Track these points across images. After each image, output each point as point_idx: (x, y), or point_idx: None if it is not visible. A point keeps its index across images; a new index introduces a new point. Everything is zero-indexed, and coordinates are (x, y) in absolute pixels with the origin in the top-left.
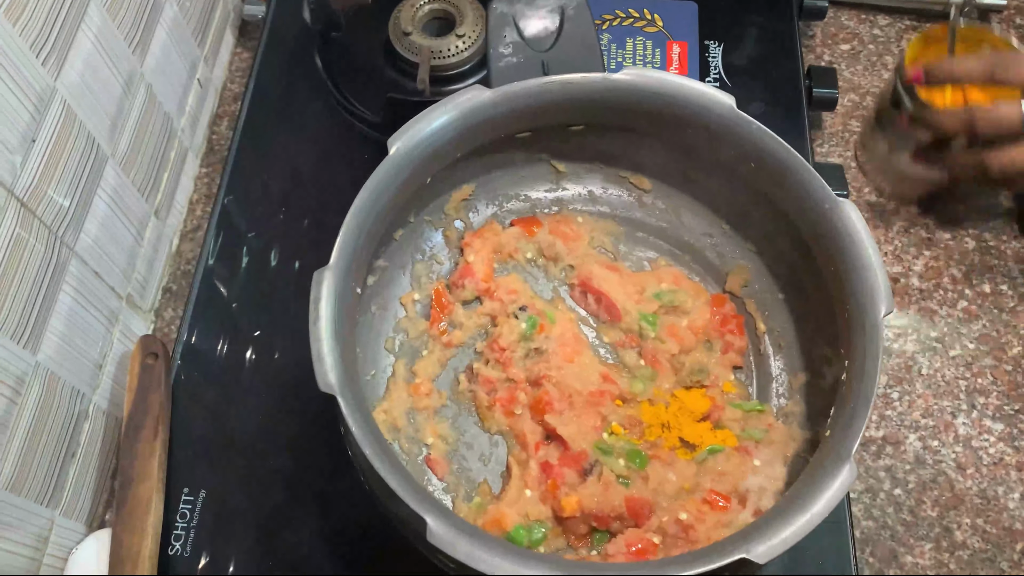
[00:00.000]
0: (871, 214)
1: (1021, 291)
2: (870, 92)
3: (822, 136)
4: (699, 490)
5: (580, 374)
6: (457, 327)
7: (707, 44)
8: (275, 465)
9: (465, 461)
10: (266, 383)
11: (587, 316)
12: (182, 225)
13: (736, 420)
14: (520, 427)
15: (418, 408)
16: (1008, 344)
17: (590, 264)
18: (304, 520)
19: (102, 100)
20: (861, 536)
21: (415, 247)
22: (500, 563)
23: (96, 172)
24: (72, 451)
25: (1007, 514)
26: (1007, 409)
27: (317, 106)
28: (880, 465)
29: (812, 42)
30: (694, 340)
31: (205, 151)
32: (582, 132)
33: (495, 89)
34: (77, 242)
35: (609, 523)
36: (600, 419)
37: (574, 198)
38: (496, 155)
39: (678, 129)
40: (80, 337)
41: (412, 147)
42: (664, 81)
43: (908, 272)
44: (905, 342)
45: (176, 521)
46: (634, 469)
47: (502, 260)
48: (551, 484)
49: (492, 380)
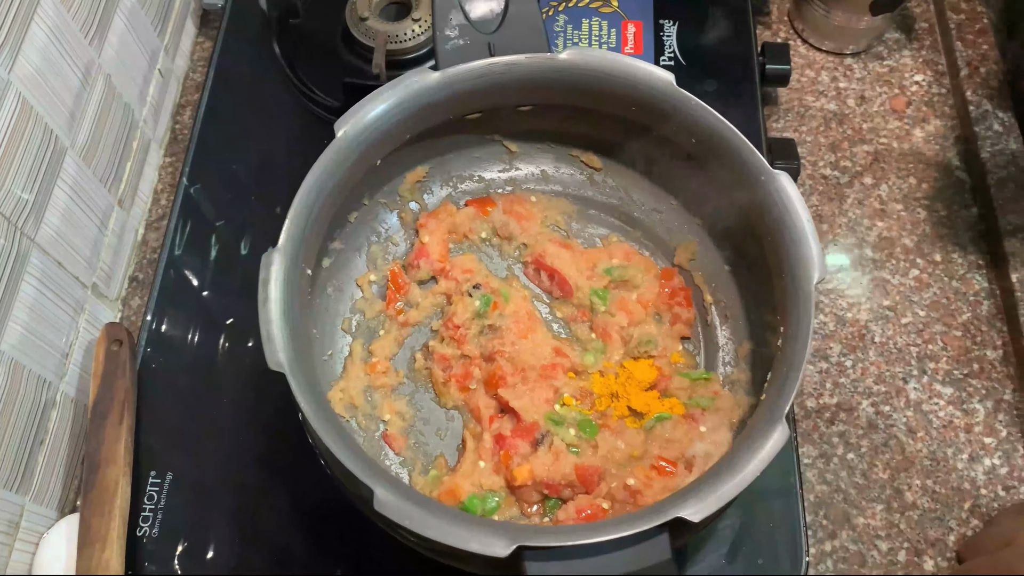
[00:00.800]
0: (825, 187)
1: (971, 259)
2: (824, 67)
3: (777, 112)
4: (647, 457)
5: (533, 349)
6: (413, 307)
7: (662, 23)
8: (241, 448)
9: (422, 436)
10: (233, 370)
11: (540, 293)
12: (147, 215)
13: (683, 389)
14: (475, 402)
15: (375, 386)
16: (958, 311)
17: (543, 242)
18: (270, 500)
19: (59, 92)
20: (815, 500)
21: (370, 229)
22: (447, 528)
23: (55, 163)
24: (40, 438)
25: (956, 475)
26: (956, 374)
27: (278, 93)
28: (834, 431)
29: (768, 19)
30: (644, 313)
31: (169, 141)
32: (532, 112)
33: (441, 71)
34: (38, 233)
35: (560, 491)
36: (552, 391)
37: (527, 178)
38: (449, 137)
39: (621, 106)
40: (45, 326)
41: (360, 130)
42: (605, 60)
43: (862, 243)
44: (858, 311)
45: (144, 503)
46: (584, 438)
47: (457, 240)
48: (504, 455)
49: (447, 357)
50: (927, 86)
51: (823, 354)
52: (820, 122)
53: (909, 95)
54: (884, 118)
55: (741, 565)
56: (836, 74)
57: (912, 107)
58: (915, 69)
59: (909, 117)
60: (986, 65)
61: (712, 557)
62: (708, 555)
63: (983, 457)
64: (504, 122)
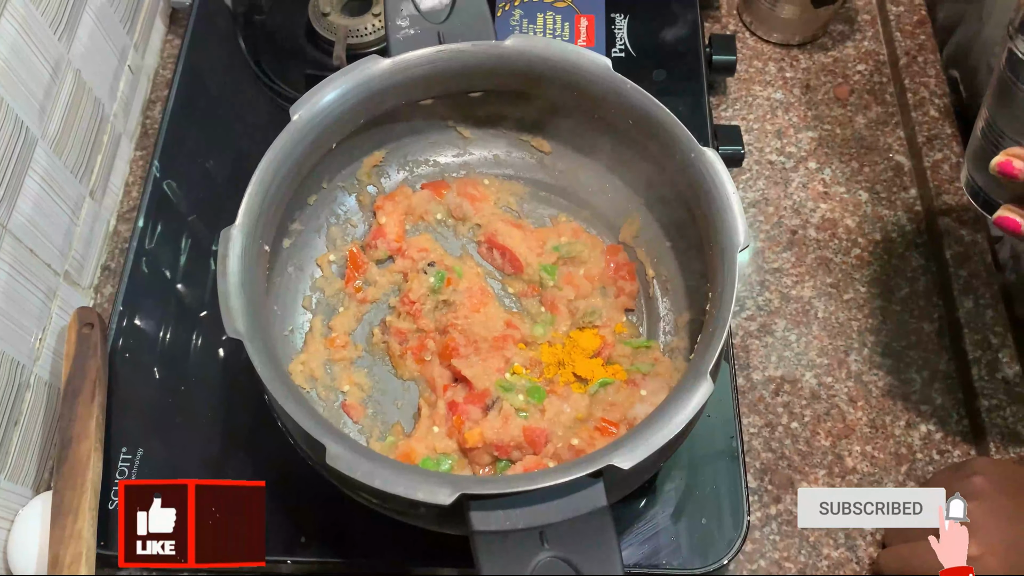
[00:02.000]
0: (772, 172)
1: (909, 238)
2: (771, 58)
3: (726, 101)
4: (591, 419)
5: (485, 322)
6: (371, 284)
7: (613, 17)
8: (209, 427)
9: (380, 406)
10: (202, 355)
11: (493, 270)
12: (119, 206)
13: (626, 356)
14: (430, 372)
15: (335, 360)
16: (897, 286)
17: (496, 222)
18: (239, 471)
19: (29, 85)
20: (761, 466)
21: (329, 211)
22: (394, 478)
23: (26, 153)
24: (15, 419)
25: (893, 440)
26: (895, 346)
27: (244, 88)
28: (779, 402)
29: (718, 13)
30: (590, 287)
31: (139, 135)
32: (483, 99)
33: (391, 58)
34: (10, 220)
35: (509, 452)
36: (504, 361)
37: (480, 162)
38: (404, 123)
39: (563, 90)
40: (18, 310)
41: (314, 114)
42: (548, 47)
43: (806, 224)
44: (803, 288)
45: (116, 479)
46: (532, 403)
47: (413, 222)
48: (456, 420)
49: (404, 331)
50: (869, 75)
51: (768, 329)
52: (767, 110)
53: (852, 84)
54: (828, 106)
55: (685, 524)
56: (783, 64)
57: (855, 95)
58: (858, 59)
59: (852, 105)
60: (923, 55)
61: (659, 517)
62: (655, 516)
63: (919, 424)
64: (457, 109)
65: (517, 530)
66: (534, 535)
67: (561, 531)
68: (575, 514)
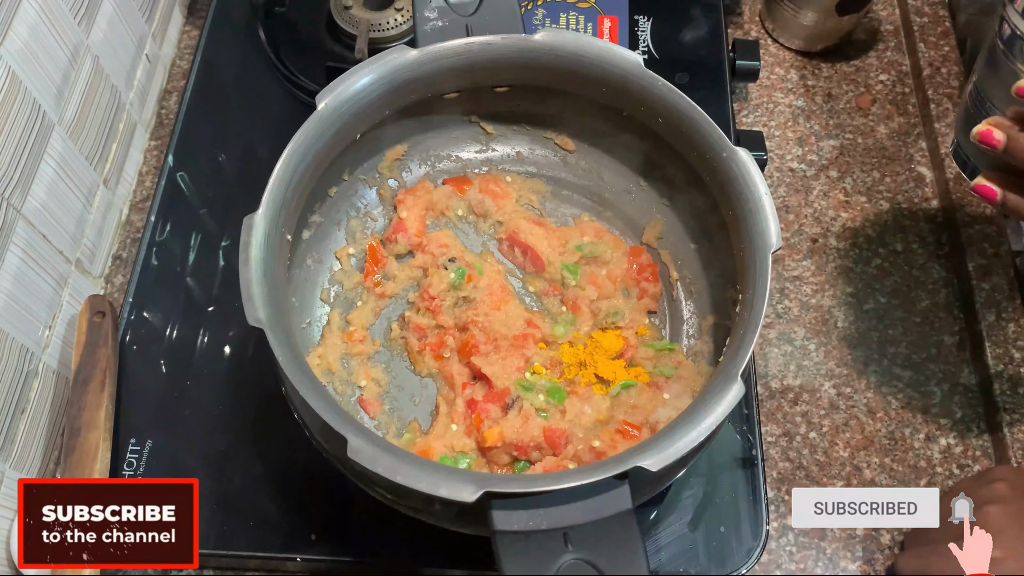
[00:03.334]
0: (793, 179)
1: (930, 249)
2: (793, 65)
3: (747, 107)
4: (613, 421)
5: (506, 320)
6: (390, 279)
7: (636, 19)
8: (220, 419)
9: (396, 402)
10: (213, 347)
11: (514, 268)
12: (132, 196)
13: (648, 358)
14: (448, 369)
15: (352, 354)
16: (917, 298)
17: (518, 220)
18: (247, 469)
19: (47, 68)
20: (778, 476)
21: (349, 204)
22: (417, 474)
23: (42, 137)
24: (22, 407)
25: (913, 453)
26: (915, 358)
27: (263, 80)
28: (797, 411)
29: (740, 19)
30: (612, 287)
31: (155, 125)
32: (508, 94)
33: (419, 49)
34: (24, 204)
35: (528, 452)
36: (524, 360)
37: (503, 159)
38: (427, 116)
39: (592, 87)
40: (28, 296)
41: (340, 103)
42: (578, 41)
43: (827, 232)
44: (823, 297)
45: (123, 469)
46: (553, 403)
47: (434, 217)
48: (475, 418)
49: (423, 327)
50: (891, 85)
51: (787, 337)
52: (788, 117)
53: (874, 93)
54: (850, 115)
55: (703, 532)
56: (805, 72)
57: (877, 105)
58: (880, 69)
59: (874, 114)
60: (947, 66)
61: (676, 525)
62: (672, 523)
63: (939, 437)
64: (481, 104)
65: (540, 531)
66: (557, 536)
67: (585, 533)
68: (599, 516)
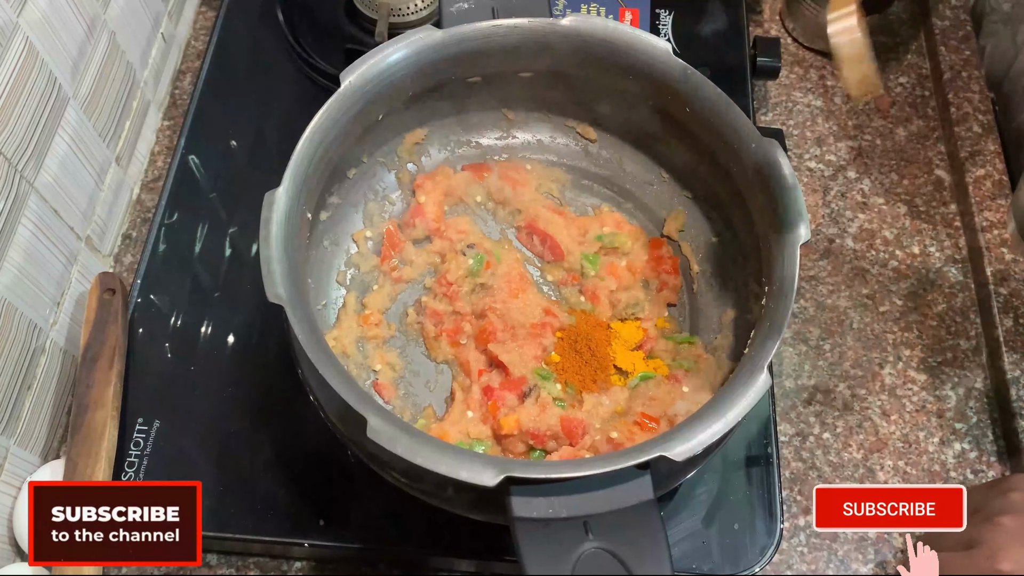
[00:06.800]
0: (810, 179)
1: (948, 253)
2: (812, 65)
3: (766, 105)
4: (631, 413)
5: (524, 308)
6: (407, 264)
7: (658, 12)
8: (229, 401)
9: (412, 387)
10: (222, 328)
11: (532, 257)
12: (143, 175)
13: (667, 351)
14: (465, 356)
15: (367, 338)
16: (934, 301)
17: (537, 208)
18: (256, 450)
19: (64, 41)
20: (791, 476)
21: (368, 187)
22: (437, 456)
23: (57, 111)
24: (28, 383)
25: (927, 457)
26: (930, 361)
27: (280, 63)
28: (811, 411)
29: (760, 17)
30: (632, 279)
31: (168, 105)
32: (531, 80)
33: (446, 29)
34: (37, 178)
35: (545, 441)
36: (541, 349)
37: (523, 146)
38: (449, 101)
39: (619, 74)
40: (38, 271)
41: (364, 82)
42: (607, 26)
43: (843, 233)
44: (838, 298)
45: (130, 449)
46: (570, 393)
47: (452, 203)
48: (491, 405)
49: (439, 313)
50: (911, 88)
51: (803, 337)
52: (807, 117)
53: (894, 96)
54: (869, 116)
55: (717, 529)
56: (824, 72)
57: (896, 107)
58: (900, 71)
59: (893, 117)
60: (968, 70)
61: (689, 521)
62: (685, 519)
63: (953, 441)
64: (504, 89)
65: (560, 519)
66: (578, 525)
67: (606, 523)
68: (620, 506)
